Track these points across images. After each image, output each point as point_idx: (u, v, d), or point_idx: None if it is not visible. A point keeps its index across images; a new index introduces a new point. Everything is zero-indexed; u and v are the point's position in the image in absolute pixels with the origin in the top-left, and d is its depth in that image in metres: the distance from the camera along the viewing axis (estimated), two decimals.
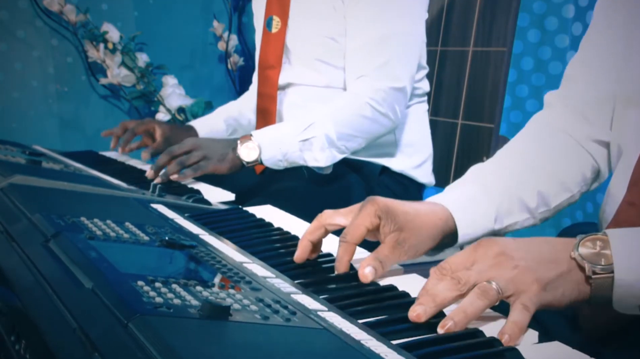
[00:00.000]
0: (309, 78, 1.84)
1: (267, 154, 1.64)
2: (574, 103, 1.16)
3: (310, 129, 1.66)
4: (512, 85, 2.40)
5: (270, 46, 1.86)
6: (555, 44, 2.32)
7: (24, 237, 0.92)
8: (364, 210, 0.95)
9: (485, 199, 1.08)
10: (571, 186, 1.15)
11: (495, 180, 1.11)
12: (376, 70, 1.71)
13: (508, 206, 1.10)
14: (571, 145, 1.16)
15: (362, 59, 1.73)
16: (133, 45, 2.79)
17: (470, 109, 2.08)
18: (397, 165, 1.85)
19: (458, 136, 2.11)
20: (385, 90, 1.70)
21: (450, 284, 0.78)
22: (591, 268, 0.79)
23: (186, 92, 2.89)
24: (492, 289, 0.76)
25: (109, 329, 0.64)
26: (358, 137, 1.71)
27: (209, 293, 0.74)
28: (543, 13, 2.35)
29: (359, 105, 1.69)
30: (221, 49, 3.02)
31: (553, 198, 1.14)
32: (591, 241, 0.80)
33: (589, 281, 0.79)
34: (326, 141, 1.66)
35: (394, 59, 1.72)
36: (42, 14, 2.67)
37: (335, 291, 0.86)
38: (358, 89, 1.72)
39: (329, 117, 1.68)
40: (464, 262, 0.80)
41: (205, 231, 1.08)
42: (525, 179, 1.12)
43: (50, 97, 2.72)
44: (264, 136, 1.66)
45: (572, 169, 1.15)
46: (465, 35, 2.15)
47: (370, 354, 0.66)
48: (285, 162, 1.67)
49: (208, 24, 2.99)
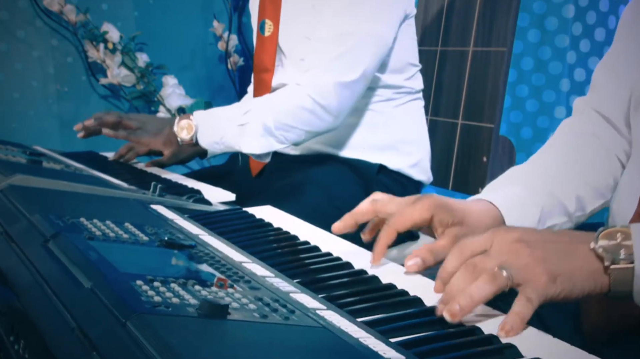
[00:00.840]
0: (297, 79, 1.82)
1: (203, 135, 1.66)
2: (600, 109, 1.18)
3: (248, 114, 1.66)
4: (512, 85, 2.41)
5: (265, 49, 1.86)
6: (555, 44, 2.32)
7: (23, 237, 0.93)
8: (418, 203, 0.96)
9: (530, 200, 1.09)
10: (605, 192, 1.16)
11: (537, 182, 1.12)
12: (328, 63, 1.70)
13: (550, 208, 1.10)
14: (603, 151, 1.17)
15: (316, 52, 1.72)
16: (133, 45, 2.79)
17: (470, 109, 2.08)
18: (394, 163, 1.85)
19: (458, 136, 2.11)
20: (329, 85, 1.68)
21: (467, 271, 0.78)
22: (611, 258, 0.79)
23: (186, 92, 2.89)
24: (502, 276, 0.76)
25: (108, 329, 0.64)
26: (296, 128, 1.69)
27: (207, 292, 0.74)
28: (543, 13, 2.36)
29: (300, 96, 1.68)
30: (221, 49, 3.02)
31: (589, 204, 1.15)
32: (611, 233, 0.80)
33: (608, 271, 0.79)
34: (263, 129, 1.66)
35: (349, 55, 1.70)
36: (42, 14, 2.67)
37: (333, 290, 0.86)
38: (304, 81, 1.71)
39: (268, 105, 1.69)
40: (483, 244, 0.80)
41: (205, 232, 1.08)
42: (565, 183, 1.13)
43: (50, 97, 2.72)
44: (203, 117, 1.68)
45: (606, 176, 1.16)
46: (465, 35, 2.15)
47: (369, 352, 0.66)
48: (222, 146, 1.68)
49: (208, 24, 2.99)
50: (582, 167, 1.16)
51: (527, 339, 0.73)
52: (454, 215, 0.97)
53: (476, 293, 0.75)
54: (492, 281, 0.76)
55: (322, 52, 1.71)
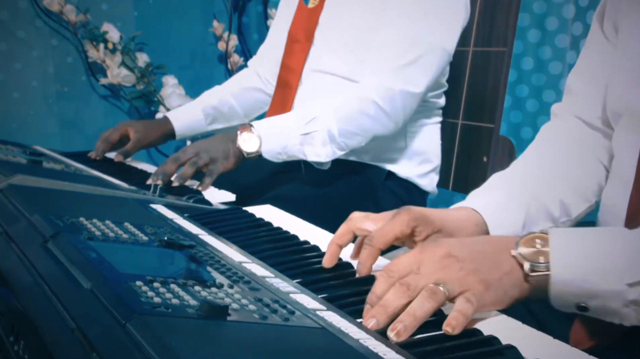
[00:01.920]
0: (330, 65, 1.80)
1: (266, 146, 1.59)
2: (579, 114, 1.18)
3: (312, 123, 1.62)
4: (512, 85, 2.40)
5: (304, 20, 1.83)
6: (555, 44, 2.32)
7: (22, 238, 0.92)
8: (397, 218, 0.95)
9: (514, 206, 1.09)
10: (589, 197, 1.16)
11: (521, 188, 1.12)
12: (395, 70, 1.67)
13: (535, 214, 1.11)
14: (585, 155, 1.18)
15: (385, 55, 1.68)
16: (133, 45, 2.79)
17: (470, 109, 2.08)
18: (404, 171, 1.84)
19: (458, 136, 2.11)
20: (395, 91, 1.66)
21: (400, 291, 0.77)
22: (530, 266, 0.80)
23: (186, 92, 2.89)
24: (440, 291, 0.77)
25: (108, 330, 0.64)
26: (359, 135, 1.67)
27: (207, 293, 0.74)
28: (543, 13, 2.35)
29: (364, 103, 1.65)
30: (221, 49, 3.02)
31: (574, 208, 1.15)
32: (531, 240, 0.82)
33: (527, 278, 0.81)
34: (328, 136, 1.62)
35: (417, 64, 1.67)
36: (42, 14, 2.67)
37: (333, 291, 0.86)
38: (368, 84, 1.68)
39: (333, 112, 1.64)
40: (411, 264, 0.80)
41: (205, 231, 1.08)
42: (550, 189, 1.13)
43: (50, 97, 2.72)
44: (265, 127, 1.61)
45: (589, 180, 1.17)
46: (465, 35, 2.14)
47: (368, 353, 0.66)
48: (284, 155, 1.62)
49: (208, 24, 2.99)
50: (566, 172, 1.16)
51: (527, 340, 0.73)
52: (433, 225, 0.97)
53: (419, 310, 0.75)
54: (431, 297, 0.76)
55: (388, 56, 1.68)
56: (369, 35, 1.74)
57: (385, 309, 0.76)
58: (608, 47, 1.13)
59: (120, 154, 1.81)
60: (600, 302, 0.78)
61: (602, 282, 0.78)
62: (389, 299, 0.77)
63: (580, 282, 0.78)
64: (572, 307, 0.81)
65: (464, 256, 0.80)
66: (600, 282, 0.78)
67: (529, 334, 0.76)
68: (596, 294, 0.78)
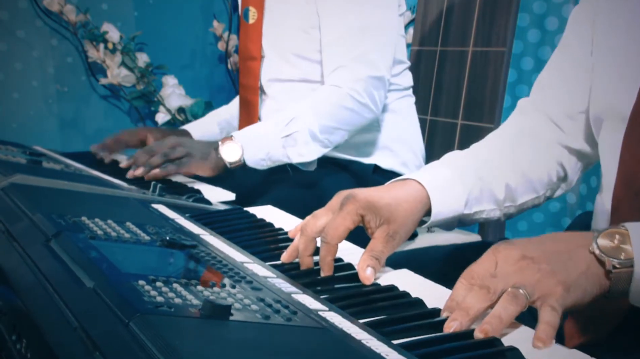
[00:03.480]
0: (285, 73, 1.82)
1: (249, 153, 1.61)
2: (546, 110, 1.19)
3: (292, 124, 1.63)
4: (512, 85, 2.40)
5: (249, 37, 1.84)
6: (555, 44, 2.32)
7: (25, 237, 0.92)
8: (344, 209, 0.96)
9: (459, 183, 1.10)
10: (537, 188, 1.18)
11: (469, 167, 1.13)
12: (354, 60, 1.69)
13: (478, 193, 1.12)
14: (541, 148, 1.19)
15: (339, 50, 1.71)
16: (133, 45, 2.79)
17: (470, 109, 2.08)
18: (386, 162, 1.84)
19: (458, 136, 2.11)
20: (364, 79, 1.68)
21: (480, 294, 0.77)
22: (611, 262, 0.79)
23: (186, 92, 2.89)
24: (521, 295, 0.76)
25: (110, 329, 0.64)
26: (340, 129, 1.68)
27: (209, 293, 0.74)
28: (543, 13, 2.36)
29: (340, 96, 1.67)
30: (221, 49, 3.02)
31: (520, 195, 1.16)
32: (609, 235, 0.81)
33: (609, 275, 0.80)
34: (309, 135, 1.64)
35: (371, 48, 1.69)
36: (42, 14, 2.67)
37: (336, 291, 0.86)
38: (337, 80, 1.69)
39: (310, 110, 1.65)
40: (488, 268, 0.80)
41: (206, 232, 1.08)
42: (497, 171, 1.15)
43: (50, 97, 2.72)
44: (246, 135, 1.63)
45: (540, 171, 1.18)
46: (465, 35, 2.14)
47: (371, 353, 0.66)
48: (268, 161, 1.64)
49: (208, 24, 2.99)
50: (516, 158, 1.17)
51: (529, 342, 0.73)
52: (380, 215, 0.97)
53: (504, 314, 0.75)
54: (514, 301, 0.76)
55: (344, 50, 1.70)
56: (312, 34, 1.76)
57: (467, 312, 0.76)
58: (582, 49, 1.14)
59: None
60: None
61: None
62: (470, 303, 0.77)
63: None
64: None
65: (539, 257, 0.80)
66: None
67: (532, 336, 0.76)
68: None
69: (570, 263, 0.80)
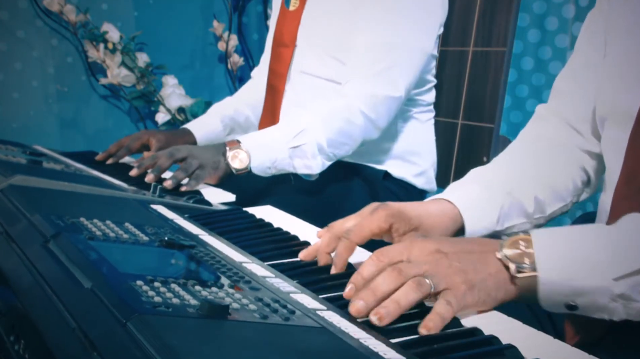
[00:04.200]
0: (313, 68, 1.81)
1: (256, 161, 1.60)
2: (565, 116, 1.20)
3: (301, 136, 1.62)
4: (512, 85, 2.40)
5: (286, 24, 1.83)
6: (555, 44, 2.32)
7: (23, 238, 0.92)
8: (375, 214, 0.97)
9: (490, 200, 1.11)
10: (564, 196, 1.19)
11: (497, 183, 1.14)
12: (375, 75, 1.68)
13: (509, 209, 1.13)
14: (563, 156, 1.19)
15: (364, 61, 1.70)
16: (133, 45, 2.79)
17: (470, 109, 2.08)
18: (398, 171, 1.84)
19: (458, 136, 2.12)
20: (378, 97, 1.67)
21: (392, 275, 0.78)
22: (516, 268, 0.81)
23: (186, 92, 2.89)
24: (426, 284, 0.78)
25: (108, 329, 0.64)
26: (346, 145, 1.68)
27: (208, 293, 0.74)
28: (543, 13, 2.36)
29: (351, 112, 1.66)
30: (221, 49, 3.02)
31: (548, 206, 1.17)
32: (515, 242, 0.82)
33: (514, 280, 0.81)
34: (317, 148, 1.63)
35: (396, 67, 1.68)
36: (42, 14, 2.67)
37: (334, 291, 0.86)
38: (352, 91, 1.69)
39: (321, 123, 1.65)
40: (401, 253, 0.82)
41: (205, 232, 1.08)
42: (525, 185, 1.15)
43: (50, 97, 2.72)
44: (253, 142, 1.61)
45: (565, 179, 1.18)
46: (465, 35, 2.15)
47: (369, 352, 0.66)
48: (273, 169, 1.63)
49: (208, 24, 2.99)
50: (541, 170, 1.18)
51: (527, 340, 0.73)
52: (410, 222, 0.99)
53: (403, 299, 0.76)
54: (418, 289, 0.77)
55: (367, 62, 1.69)
56: (347, 38, 1.75)
57: (374, 292, 0.77)
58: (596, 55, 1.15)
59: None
60: (589, 299, 0.79)
61: (588, 279, 0.78)
62: (379, 283, 0.78)
63: (567, 281, 0.79)
64: (562, 307, 0.81)
65: (453, 254, 0.81)
66: (587, 279, 0.78)
67: (530, 334, 0.76)
68: (583, 291, 0.79)
69: (479, 265, 0.81)
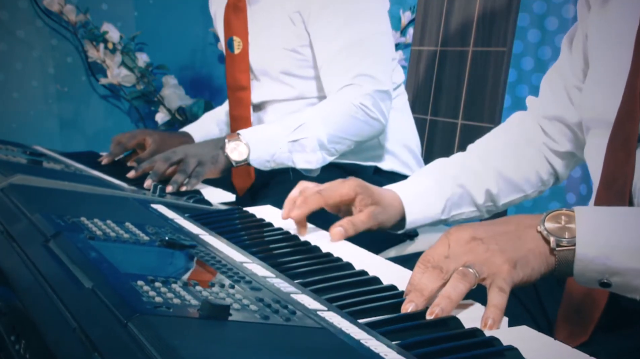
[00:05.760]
0: (280, 93, 1.82)
1: (255, 154, 1.60)
2: (536, 114, 1.27)
3: (300, 130, 1.63)
4: (512, 85, 2.41)
5: (236, 67, 1.83)
6: (555, 44, 2.32)
7: (24, 237, 0.92)
8: (346, 182, 1.14)
9: (437, 192, 1.23)
10: (524, 187, 1.28)
11: (449, 176, 1.25)
12: (359, 77, 1.68)
13: (457, 200, 1.25)
14: (531, 149, 1.27)
15: (340, 69, 1.70)
16: (133, 45, 2.79)
17: (470, 109, 2.08)
18: (386, 165, 1.85)
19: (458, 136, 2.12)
20: (371, 94, 1.67)
21: (434, 274, 0.82)
22: (555, 241, 0.83)
23: (186, 92, 2.89)
24: (470, 273, 0.80)
25: (109, 329, 0.64)
26: (347, 140, 1.68)
27: (208, 293, 0.74)
28: (543, 13, 2.36)
29: (351, 107, 1.67)
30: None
31: (502, 197, 1.28)
32: (557, 216, 0.85)
33: (554, 253, 0.84)
34: (317, 143, 1.64)
35: (371, 63, 1.69)
36: (42, 14, 2.67)
37: (335, 291, 0.86)
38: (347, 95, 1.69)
39: (320, 118, 1.65)
40: (441, 251, 0.85)
41: (205, 231, 1.08)
42: (479, 177, 1.26)
43: (50, 97, 2.72)
44: (253, 134, 1.62)
45: (527, 172, 1.27)
46: (465, 35, 2.15)
47: (370, 353, 0.66)
48: (272, 163, 1.63)
49: (208, 24, 2.99)
50: (501, 162, 1.27)
51: (528, 341, 0.73)
52: (373, 197, 1.14)
53: (453, 292, 0.79)
54: (463, 280, 0.80)
55: (344, 68, 1.69)
56: (303, 52, 1.76)
57: (421, 292, 0.80)
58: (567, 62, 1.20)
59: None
60: (623, 279, 0.81)
61: (625, 260, 0.81)
62: (423, 283, 0.81)
63: (603, 259, 0.81)
64: (595, 283, 0.83)
65: (488, 237, 0.83)
66: (624, 260, 0.81)
67: (530, 336, 0.76)
68: (618, 271, 0.81)
69: (518, 242, 0.84)
